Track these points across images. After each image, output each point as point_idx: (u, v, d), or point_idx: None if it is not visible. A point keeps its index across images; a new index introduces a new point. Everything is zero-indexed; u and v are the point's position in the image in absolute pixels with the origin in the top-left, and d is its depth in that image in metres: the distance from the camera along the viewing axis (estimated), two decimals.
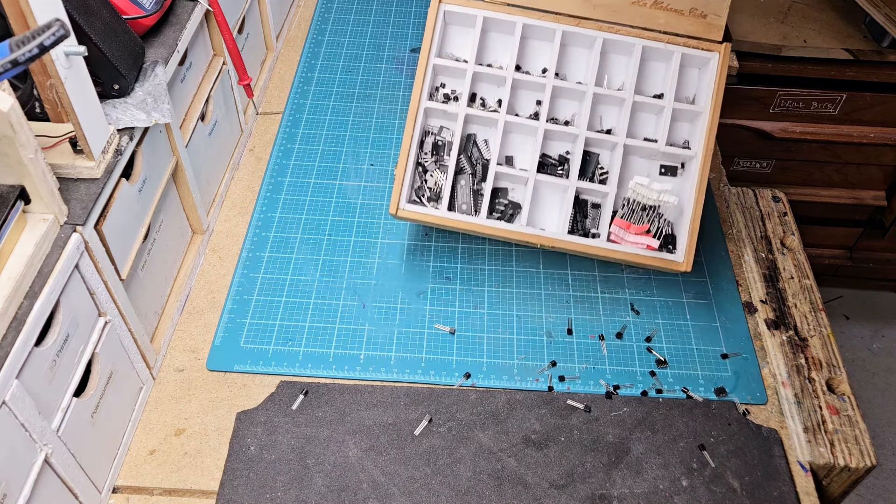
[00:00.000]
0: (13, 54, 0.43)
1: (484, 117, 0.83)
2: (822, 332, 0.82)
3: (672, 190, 0.80)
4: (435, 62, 0.83)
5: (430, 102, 0.83)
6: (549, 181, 0.82)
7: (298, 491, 0.68)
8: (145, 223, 0.74)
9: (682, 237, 0.80)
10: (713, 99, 0.81)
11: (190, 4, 0.82)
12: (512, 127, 0.84)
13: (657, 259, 0.79)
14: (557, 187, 0.82)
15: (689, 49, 0.83)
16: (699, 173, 0.80)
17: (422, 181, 0.83)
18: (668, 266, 0.79)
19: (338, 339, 0.80)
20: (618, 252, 0.79)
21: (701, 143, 0.81)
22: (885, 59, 1.28)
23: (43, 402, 0.57)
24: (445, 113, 0.84)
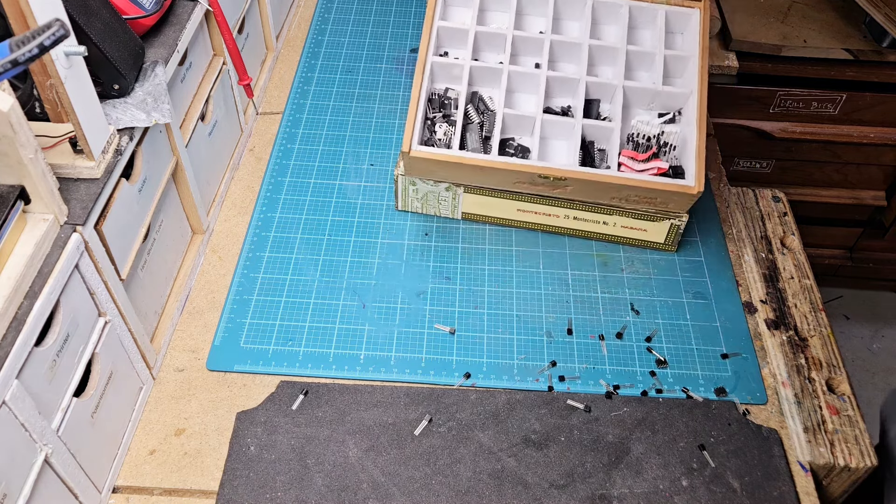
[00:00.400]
0: (13, 54, 0.43)
1: (488, 70, 0.88)
2: (822, 332, 0.82)
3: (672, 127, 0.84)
4: (439, 24, 0.89)
5: (437, 58, 0.87)
6: (555, 120, 0.85)
7: (298, 491, 0.68)
8: (145, 223, 0.74)
9: (690, 165, 0.81)
10: (700, 44, 0.87)
11: (190, 4, 0.82)
12: (515, 83, 0.88)
13: (670, 185, 0.79)
14: (564, 127, 0.85)
15: (672, 7, 0.90)
16: (697, 107, 0.84)
17: (431, 134, 0.85)
18: (682, 190, 0.79)
19: (338, 339, 0.80)
20: (630, 180, 0.79)
21: (695, 81, 0.85)
22: (885, 59, 1.28)
23: (43, 402, 0.57)
24: (451, 74, 0.88)
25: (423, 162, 0.82)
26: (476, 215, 0.91)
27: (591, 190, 0.81)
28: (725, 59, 1.28)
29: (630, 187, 0.80)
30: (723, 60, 1.28)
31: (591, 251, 0.89)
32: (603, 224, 0.87)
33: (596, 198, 0.84)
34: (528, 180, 0.81)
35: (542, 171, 0.80)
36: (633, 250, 0.89)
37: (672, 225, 0.85)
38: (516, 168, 0.80)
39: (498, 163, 0.81)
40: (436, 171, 0.84)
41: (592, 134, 0.86)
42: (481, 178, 0.84)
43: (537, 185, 0.82)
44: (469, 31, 0.89)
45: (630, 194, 0.81)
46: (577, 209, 0.86)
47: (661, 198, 0.81)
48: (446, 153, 0.82)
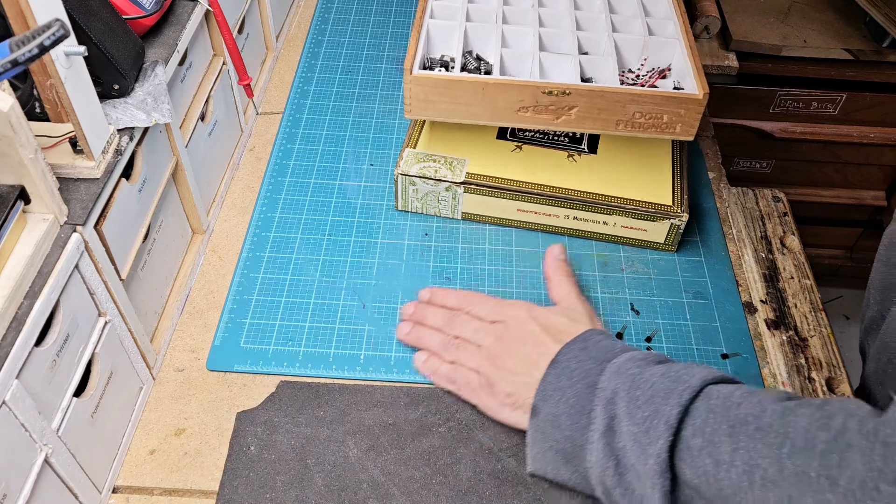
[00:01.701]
0: (13, 54, 0.43)
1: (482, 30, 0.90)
2: (822, 332, 0.82)
3: None
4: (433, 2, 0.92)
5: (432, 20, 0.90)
6: (553, 56, 0.86)
7: (298, 491, 0.68)
8: (145, 223, 0.74)
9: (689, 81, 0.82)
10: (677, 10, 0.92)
11: (190, 4, 0.82)
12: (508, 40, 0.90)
13: (677, 94, 0.79)
14: (562, 61, 0.86)
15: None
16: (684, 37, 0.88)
17: None
18: (688, 97, 0.79)
19: (338, 339, 0.80)
20: (637, 91, 0.79)
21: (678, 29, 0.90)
22: (885, 59, 1.28)
23: (43, 402, 0.57)
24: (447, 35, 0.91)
25: (423, 85, 0.81)
26: (476, 215, 0.91)
27: (596, 109, 0.80)
28: (725, 59, 1.28)
29: (636, 99, 0.78)
30: (723, 60, 1.28)
31: (591, 251, 0.89)
32: (603, 224, 0.87)
33: (601, 122, 0.82)
34: (532, 102, 0.80)
35: (546, 87, 0.79)
36: (633, 250, 0.89)
37: (672, 225, 0.85)
38: (521, 84, 0.79)
39: (501, 80, 0.80)
40: (434, 100, 0.82)
41: (590, 70, 0.87)
42: (481, 105, 0.82)
43: (541, 113, 0.80)
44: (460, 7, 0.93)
45: (636, 111, 0.80)
46: (577, 209, 0.86)
47: (668, 114, 0.79)
48: (447, 74, 0.82)
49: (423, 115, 0.84)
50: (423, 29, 0.89)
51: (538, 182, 0.86)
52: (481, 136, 0.92)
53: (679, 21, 0.91)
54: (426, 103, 0.83)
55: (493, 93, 0.80)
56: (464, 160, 0.89)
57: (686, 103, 0.79)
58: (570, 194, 0.86)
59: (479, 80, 0.80)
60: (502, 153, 0.90)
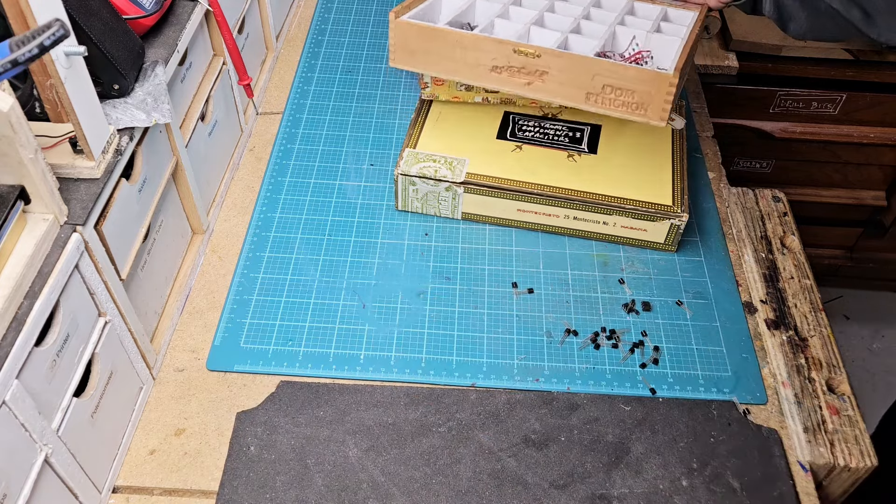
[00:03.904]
0: (13, 54, 0.43)
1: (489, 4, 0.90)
2: (822, 332, 0.82)
3: None
4: None
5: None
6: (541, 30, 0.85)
7: (298, 491, 0.68)
8: (145, 223, 0.74)
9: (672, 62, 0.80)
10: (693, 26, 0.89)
11: (190, 4, 0.82)
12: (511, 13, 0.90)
13: (646, 70, 0.76)
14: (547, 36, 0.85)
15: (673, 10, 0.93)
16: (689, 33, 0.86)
17: None
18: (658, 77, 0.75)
19: (338, 339, 0.80)
20: (604, 62, 0.76)
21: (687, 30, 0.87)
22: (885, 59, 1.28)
23: (43, 402, 0.57)
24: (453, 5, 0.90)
25: (407, 32, 0.82)
26: (476, 215, 0.91)
27: (566, 77, 0.79)
28: (725, 59, 1.28)
29: (606, 71, 0.76)
30: (723, 60, 1.28)
31: (591, 251, 0.89)
32: (603, 224, 0.87)
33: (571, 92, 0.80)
34: (506, 63, 0.80)
35: (517, 46, 0.78)
36: (633, 250, 0.89)
37: (672, 225, 0.85)
38: (494, 41, 0.79)
39: (477, 35, 0.80)
40: (416, 50, 0.83)
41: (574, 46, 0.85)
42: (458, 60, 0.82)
43: (515, 77, 0.80)
44: None
45: (605, 85, 0.77)
46: (576, 209, 0.86)
47: (637, 92, 0.77)
48: (429, 24, 0.83)
49: (405, 64, 0.85)
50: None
51: (538, 182, 0.86)
52: (481, 136, 0.92)
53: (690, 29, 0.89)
54: (408, 53, 0.84)
55: (468, 46, 0.81)
56: (464, 160, 0.89)
57: (655, 81, 0.75)
58: (570, 194, 0.86)
59: (456, 32, 0.81)
60: (502, 153, 0.90)
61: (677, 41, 0.87)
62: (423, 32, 0.82)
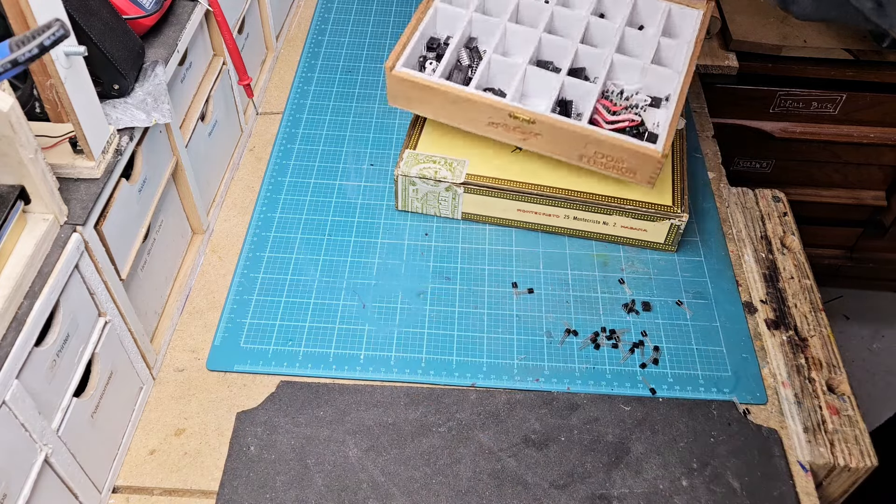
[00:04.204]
0: (13, 54, 0.43)
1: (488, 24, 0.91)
2: (822, 332, 0.82)
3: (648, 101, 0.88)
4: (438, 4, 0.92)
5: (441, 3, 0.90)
6: (539, 73, 0.88)
7: (298, 491, 0.68)
8: (145, 223, 0.74)
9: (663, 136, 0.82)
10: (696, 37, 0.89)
11: (190, 4, 0.82)
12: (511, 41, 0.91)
13: (635, 145, 0.80)
14: (547, 83, 0.87)
15: (676, 5, 0.92)
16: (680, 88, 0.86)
17: (420, 69, 0.87)
18: (646, 153, 0.79)
19: (338, 339, 0.80)
20: (597, 133, 0.80)
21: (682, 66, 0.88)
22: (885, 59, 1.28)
23: (43, 402, 0.57)
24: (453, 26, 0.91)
25: (403, 84, 0.84)
26: (476, 215, 0.91)
27: (559, 141, 0.82)
28: (725, 59, 1.28)
29: (597, 141, 0.80)
30: (723, 60, 1.28)
31: (591, 251, 0.89)
32: (603, 224, 0.87)
33: (565, 152, 0.84)
34: (501, 120, 0.82)
35: (513, 111, 0.81)
36: (633, 250, 0.89)
37: (672, 225, 0.85)
38: (489, 103, 0.82)
39: (472, 95, 0.83)
40: (413, 98, 0.85)
41: (573, 93, 0.88)
42: (455, 111, 0.85)
43: (511, 132, 0.83)
44: None
45: (597, 151, 0.81)
46: (577, 209, 0.86)
47: (628, 162, 0.81)
48: (423, 77, 0.84)
49: (403, 106, 0.88)
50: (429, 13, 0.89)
51: (538, 182, 0.86)
52: (481, 136, 0.92)
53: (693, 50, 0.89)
54: (405, 99, 0.87)
55: (464, 105, 0.84)
56: (464, 161, 0.89)
57: (643, 158, 0.80)
58: (569, 194, 0.86)
59: (451, 91, 0.83)
60: (502, 154, 0.90)
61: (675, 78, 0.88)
62: (418, 86, 0.84)
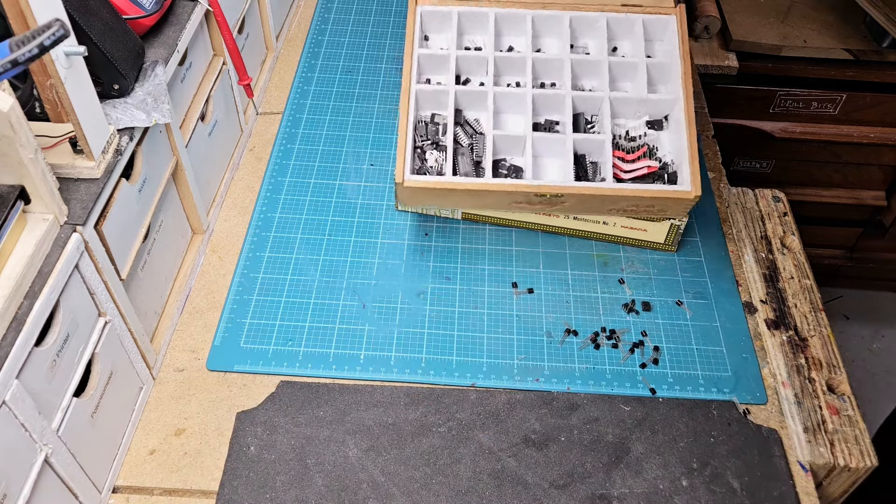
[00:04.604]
0: (13, 54, 0.43)
1: (473, 94, 0.86)
2: (822, 332, 0.82)
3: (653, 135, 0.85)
4: (419, 52, 0.87)
5: (421, 85, 0.85)
6: (546, 137, 0.84)
7: (298, 491, 0.68)
8: (145, 223, 0.74)
9: (685, 169, 0.80)
10: (680, 48, 0.86)
11: (190, 4, 0.82)
12: (501, 104, 0.87)
13: (667, 192, 0.78)
14: (555, 143, 0.84)
15: (648, 15, 0.89)
16: (685, 110, 0.83)
17: (421, 162, 0.83)
18: (679, 196, 0.78)
19: (338, 339, 0.80)
20: (626, 191, 0.78)
21: (679, 86, 0.84)
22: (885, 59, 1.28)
23: (43, 402, 0.57)
24: (437, 101, 0.86)
25: (417, 191, 0.80)
26: (476, 215, 0.91)
27: (588, 204, 0.81)
28: (725, 59, 1.28)
29: (627, 198, 0.79)
30: (723, 60, 1.28)
31: (591, 251, 0.89)
32: (603, 224, 0.87)
33: (594, 211, 0.84)
34: (525, 200, 0.80)
35: (538, 190, 0.79)
36: (633, 250, 0.89)
37: (672, 225, 0.85)
38: (512, 189, 0.79)
39: (493, 185, 0.79)
40: (430, 199, 0.83)
41: (583, 147, 0.84)
42: (477, 201, 0.83)
43: (534, 205, 0.81)
44: (450, 56, 0.87)
45: (627, 205, 0.80)
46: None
47: (659, 206, 0.80)
48: (440, 180, 0.80)
49: (417, 205, 0.87)
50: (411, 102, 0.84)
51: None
52: None
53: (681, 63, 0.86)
54: (419, 199, 0.84)
55: (486, 195, 0.80)
56: None
57: (676, 202, 0.79)
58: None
59: (470, 186, 0.79)
60: None
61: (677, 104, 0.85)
62: (436, 191, 0.80)
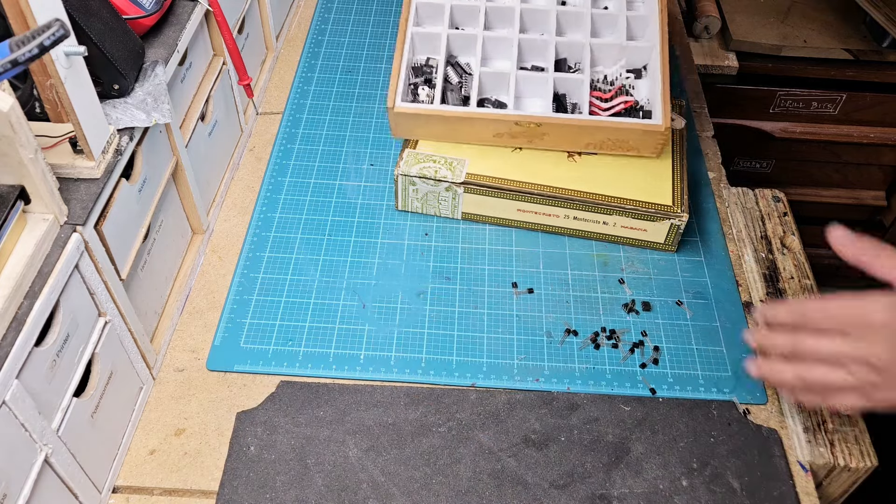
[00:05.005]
0: (13, 54, 0.43)
1: (464, 38, 0.94)
2: None
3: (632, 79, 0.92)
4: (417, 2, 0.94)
5: (416, 28, 0.93)
6: (528, 76, 0.91)
7: (298, 491, 0.68)
8: (145, 223, 0.74)
9: (657, 108, 0.87)
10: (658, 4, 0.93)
11: (190, 4, 0.82)
12: (490, 50, 0.94)
13: (638, 124, 0.85)
14: (537, 82, 0.91)
15: None
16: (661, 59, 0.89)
17: (414, 97, 0.90)
18: (650, 129, 0.85)
19: (338, 339, 0.80)
20: (601, 122, 0.85)
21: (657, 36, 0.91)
22: (885, 59, 1.28)
23: (43, 402, 0.57)
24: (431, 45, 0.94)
25: (406, 118, 0.87)
26: (476, 215, 0.91)
27: (565, 137, 0.87)
28: (725, 59, 1.28)
29: (601, 129, 0.85)
30: (723, 60, 1.28)
31: (591, 251, 0.89)
32: (603, 224, 0.87)
33: (570, 145, 0.88)
34: (507, 130, 0.86)
35: (518, 119, 0.85)
36: (633, 250, 0.89)
37: (672, 225, 0.85)
38: (494, 117, 0.86)
39: (476, 113, 0.87)
40: (418, 127, 0.88)
41: (564, 87, 0.91)
42: (461, 131, 0.88)
43: (516, 137, 0.87)
44: (445, 5, 0.95)
45: (603, 138, 0.86)
46: (577, 209, 0.86)
47: (633, 140, 0.86)
48: (428, 107, 0.87)
49: (408, 135, 0.90)
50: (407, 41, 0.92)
51: (538, 182, 0.86)
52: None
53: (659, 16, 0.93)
54: (409, 128, 0.89)
55: (470, 124, 0.87)
56: (463, 160, 0.89)
57: (647, 135, 0.86)
58: (570, 194, 0.86)
59: (455, 113, 0.87)
60: (502, 153, 0.90)
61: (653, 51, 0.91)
62: (423, 117, 0.87)
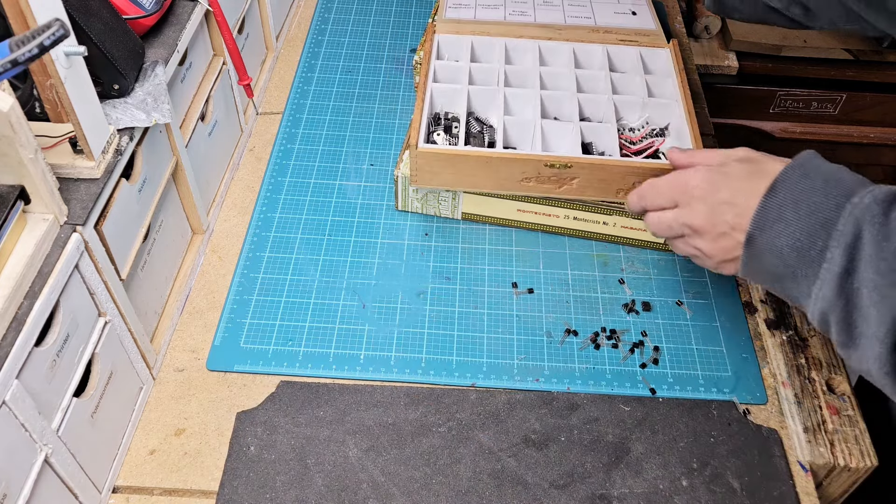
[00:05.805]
0: (13, 54, 0.43)
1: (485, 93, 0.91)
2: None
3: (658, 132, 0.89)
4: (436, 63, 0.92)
5: (436, 84, 0.91)
6: (554, 124, 0.87)
7: (298, 491, 0.68)
8: (145, 223, 0.74)
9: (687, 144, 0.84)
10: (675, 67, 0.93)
11: (190, 4, 0.82)
12: (511, 105, 0.90)
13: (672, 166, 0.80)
14: (563, 130, 0.86)
15: (644, 48, 0.97)
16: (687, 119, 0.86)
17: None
18: None
19: (338, 339, 0.80)
20: (635, 164, 0.79)
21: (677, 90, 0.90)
22: (885, 59, 1.28)
23: (43, 402, 0.57)
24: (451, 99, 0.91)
25: (429, 159, 0.81)
26: (476, 215, 0.91)
27: (597, 180, 0.81)
28: (725, 59, 1.28)
29: (638, 171, 0.79)
30: (723, 60, 1.28)
31: (591, 251, 0.89)
32: (603, 224, 0.87)
33: (602, 191, 0.83)
34: (535, 174, 0.81)
35: (547, 160, 0.80)
36: (633, 250, 0.89)
37: None
38: (523, 158, 0.80)
39: (503, 154, 0.81)
40: (440, 172, 0.83)
41: (590, 136, 0.86)
42: (487, 176, 0.83)
43: (543, 183, 0.82)
44: (464, 68, 0.93)
45: (636, 181, 0.80)
46: (577, 209, 0.86)
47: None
48: (452, 148, 0.82)
49: (429, 184, 0.85)
50: (427, 96, 0.89)
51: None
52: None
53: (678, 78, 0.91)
54: (432, 174, 0.84)
55: (497, 165, 0.81)
56: None
57: None
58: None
59: (483, 153, 0.81)
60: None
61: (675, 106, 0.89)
62: (447, 158, 0.81)
